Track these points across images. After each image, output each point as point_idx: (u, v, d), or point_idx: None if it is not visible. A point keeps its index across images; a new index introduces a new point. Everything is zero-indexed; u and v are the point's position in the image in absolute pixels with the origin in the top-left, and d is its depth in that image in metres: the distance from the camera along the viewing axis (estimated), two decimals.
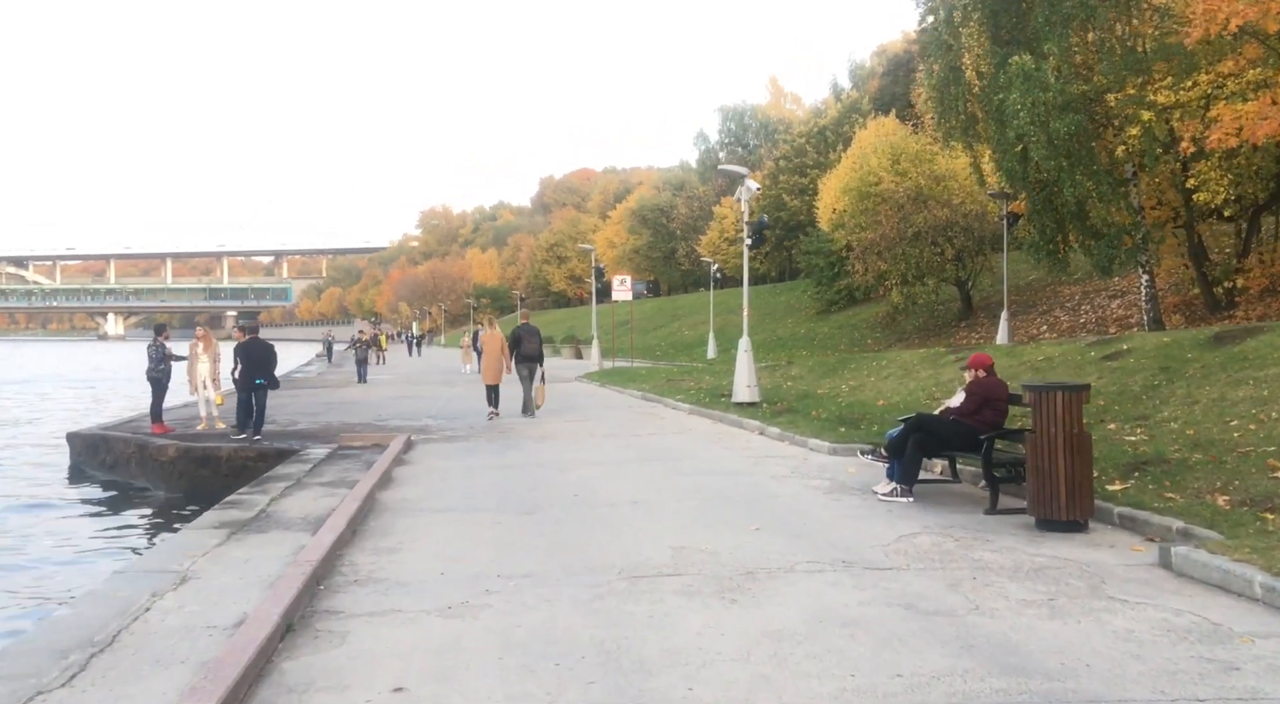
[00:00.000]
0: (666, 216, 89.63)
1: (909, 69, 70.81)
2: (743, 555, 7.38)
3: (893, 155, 45.90)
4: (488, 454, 13.87)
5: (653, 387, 26.21)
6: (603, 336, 45.04)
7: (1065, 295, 31.02)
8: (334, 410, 22.23)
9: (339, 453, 14.41)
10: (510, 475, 11.73)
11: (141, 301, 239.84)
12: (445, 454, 13.96)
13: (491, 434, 16.52)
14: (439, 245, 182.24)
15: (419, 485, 11.19)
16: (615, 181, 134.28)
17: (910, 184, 35.66)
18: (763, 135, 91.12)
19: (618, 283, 35.51)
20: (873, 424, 14.54)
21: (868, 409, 16.09)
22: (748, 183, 18.56)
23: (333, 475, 12.01)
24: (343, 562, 7.47)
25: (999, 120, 23.00)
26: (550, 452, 13.96)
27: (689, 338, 55.21)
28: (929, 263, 32.06)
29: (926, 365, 18.46)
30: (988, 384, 9.49)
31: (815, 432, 14.35)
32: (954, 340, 31.61)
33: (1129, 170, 22.22)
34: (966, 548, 7.51)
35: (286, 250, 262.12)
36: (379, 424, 18.76)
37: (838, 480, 10.85)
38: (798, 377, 22.17)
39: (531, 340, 18.96)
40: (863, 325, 40.95)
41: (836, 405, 17.06)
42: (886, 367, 19.74)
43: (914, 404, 15.54)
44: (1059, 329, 27.47)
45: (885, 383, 18.22)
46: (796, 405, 17.72)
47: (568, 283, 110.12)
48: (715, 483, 10.81)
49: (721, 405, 19.30)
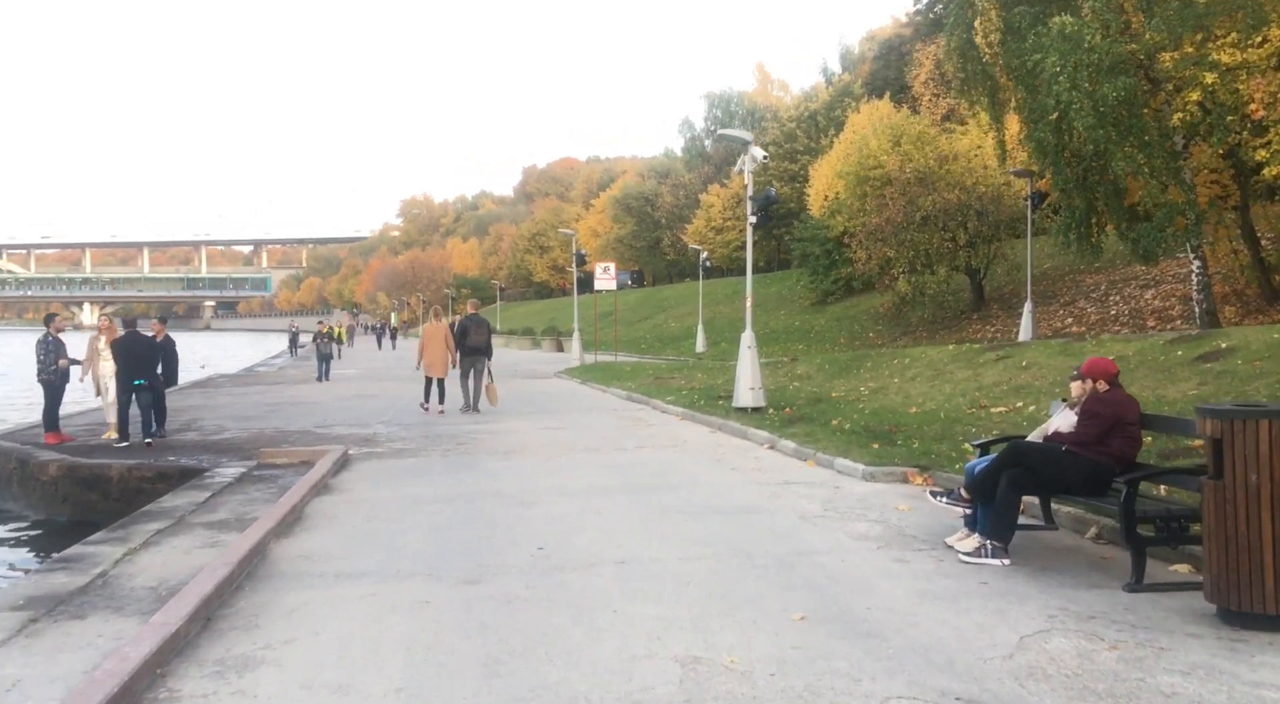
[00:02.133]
0: (651, 205, 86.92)
1: (901, 54, 68.42)
2: (793, 681, 4.69)
3: (894, 136, 43.40)
4: (436, 476, 11.14)
5: (639, 385, 23.52)
6: (585, 328, 42.35)
7: (1089, 285, 28.44)
8: (277, 414, 19.45)
9: (255, 473, 11.66)
10: (458, 513, 9.01)
11: (118, 291, 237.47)
12: (383, 477, 11.22)
13: (447, 447, 13.78)
14: (420, 235, 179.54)
15: (334, 529, 8.45)
16: (599, 170, 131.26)
17: (916, 165, 32.97)
18: (749, 122, 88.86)
19: (600, 271, 32.74)
20: (911, 438, 11.88)
21: (899, 418, 13.42)
22: (752, 150, 15.87)
23: (230, 510, 9.27)
24: (157, 695, 4.73)
25: (1030, 88, 20.39)
26: (514, 474, 11.24)
27: (675, 330, 52.52)
28: (939, 249, 29.42)
29: (961, 365, 15.80)
30: (1116, 401, 6.81)
31: (841, 448, 11.68)
32: (966, 334, 29.01)
33: (1178, 142, 19.59)
34: (1136, 665, 4.84)
35: (266, 240, 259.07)
36: (321, 432, 16.02)
37: (891, 524, 8.18)
38: (805, 376, 19.48)
39: (478, 332, 18.16)
40: (863, 317, 38.31)
41: (858, 413, 14.39)
42: (911, 366, 17.08)
43: (957, 413, 12.89)
44: (1086, 322, 24.89)
45: (913, 385, 15.55)
46: (810, 412, 15.06)
47: (550, 273, 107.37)
48: (729, 528, 8.11)
49: (720, 410, 16.64)
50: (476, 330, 18.31)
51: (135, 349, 14.25)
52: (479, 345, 18.24)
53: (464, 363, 18.33)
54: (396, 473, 11.53)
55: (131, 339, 14.40)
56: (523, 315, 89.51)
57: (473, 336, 18.20)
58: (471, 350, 18.21)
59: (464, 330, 18.18)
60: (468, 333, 18.17)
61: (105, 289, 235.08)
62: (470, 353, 18.25)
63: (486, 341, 18.43)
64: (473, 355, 18.28)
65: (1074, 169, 20.72)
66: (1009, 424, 11.57)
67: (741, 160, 16.20)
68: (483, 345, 18.29)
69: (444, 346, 18.30)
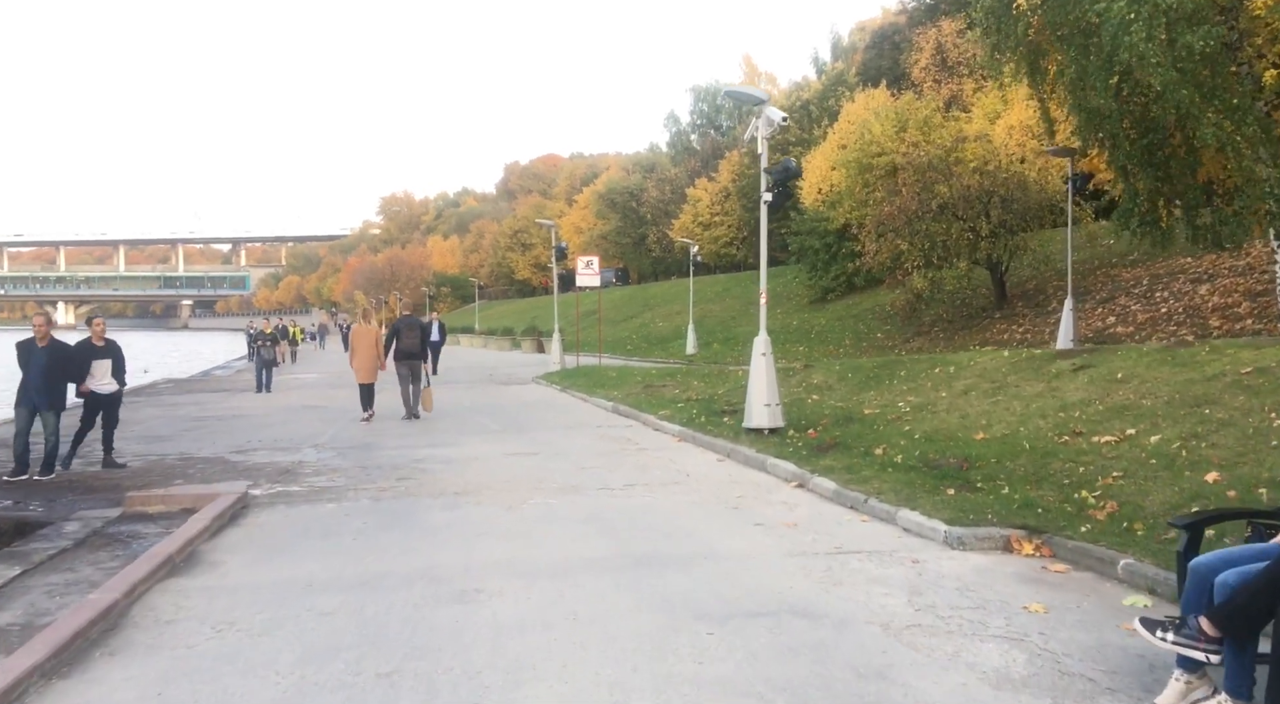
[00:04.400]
0: (636, 200, 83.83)
1: (895, 43, 65.75)
2: None
3: (898, 121, 40.48)
4: (351, 539, 8.06)
5: (626, 394, 20.48)
6: (566, 328, 39.30)
7: (1127, 280, 25.48)
8: (197, 432, 16.34)
9: (110, 529, 8.57)
10: (359, 619, 5.92)
11: (93, 290, 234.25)
12: (278, 540, 8.13)
13: (382, 484, 10.69)
14: (400, 233, 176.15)
15: (154, 657, 5.34)
16: (582, 166, 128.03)
17: (930, 150, 29.96)
18: (736, 116, 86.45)
19: (583, 265, 29.61)
20: (992, 478, 8.87)
21: (963, 447, 10.40)
22: (767, 111, 12.82)
23: (24, 608, 6.21)
24: None
25: (1081, 48, 17.42)
26: (459, 534, 8.17)
27: (663, 330, 49.47)
28: (958, 241, 26.43)
29: (1027, 376, 12.76)
30: None
31: (901, 492, 8.68)
32: (990, 335, 26.05)
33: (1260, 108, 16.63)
34: None
35: (246, 238, 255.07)
36: (235, 459, 12.91)
37: (1033, 646, 5.16)
38: (824, 387, 16.45)
39: (410, 334, 17.22)
40: (868, 316, 35.30)
41: (905, 438, 11.38)
42: (959, 375, 14.05)
43: (1044, 442, 9.88)
44: (1133, 322, 21.95)
45: (969, 402, 12.52)
46: (842, 436, 12.03)
47: (532, 271, 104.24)
48: (780, 658, 5.07)
49: (727, 430, 13.62)
50: (409, 333, 17.27)
51: (45, 361, 11.53)
52: (412, 349, 17.21)
53: (399, 368, 17.29)
54: (301, 530, 8.45)
55: (26, 348, 11.57)
56: (503, 314, 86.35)
57: (405, 340, 17.15)
58: (405, 354, 17.19)
59: (396, 333, 17.23)
60: (400, 335, 17.16)
61: (80, 288, 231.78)
62: (404, 357, 17.23)
63: (420, 345, 17.40)
64: (407, 360, 17.26)
65: (1136, 142, 17.81)
66: (1140, 463, 8.56)
67: (754, 125, 13.15)
68: (416, 349, 17.27)
69: (373, 351, 17.29)
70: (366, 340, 17.49)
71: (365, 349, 17.36)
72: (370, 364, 17.32)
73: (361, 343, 17.46)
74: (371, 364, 17.33)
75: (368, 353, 17.33)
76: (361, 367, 17.37)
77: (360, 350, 17.39)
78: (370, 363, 17.32)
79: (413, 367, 17.37)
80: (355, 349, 17.48)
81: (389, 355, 17.43)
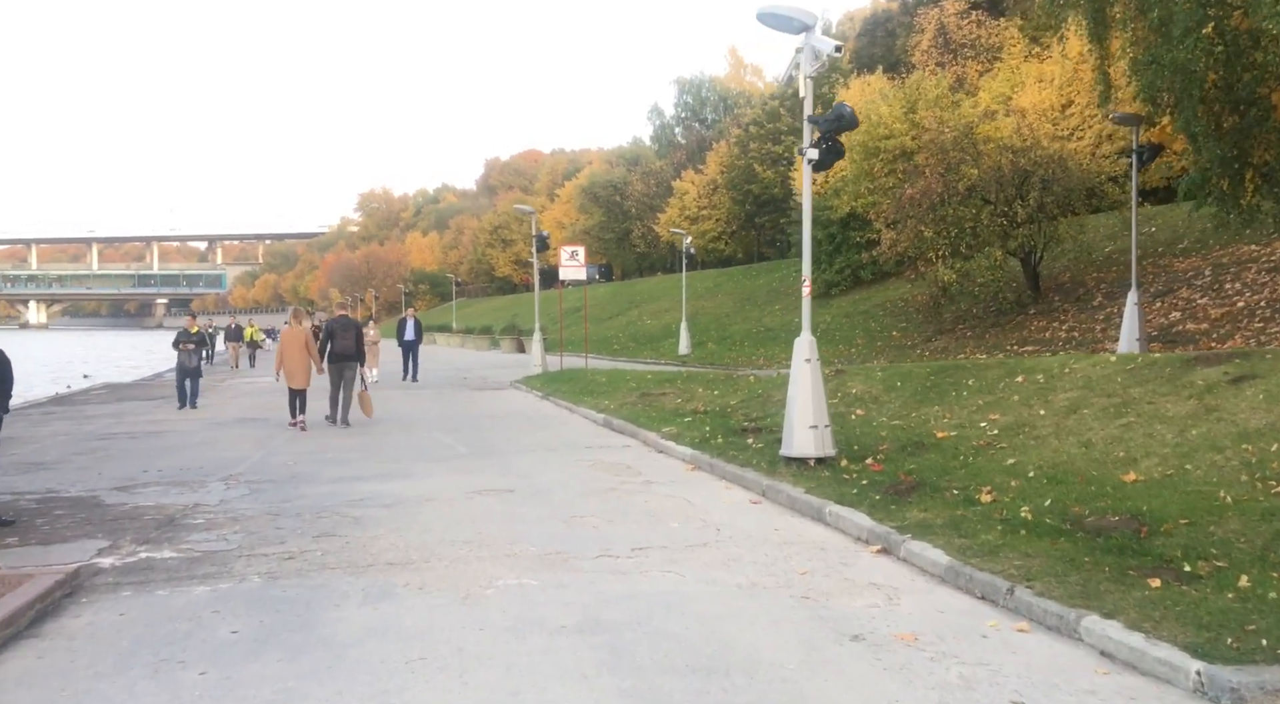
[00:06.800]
0: (620, 194, 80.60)
1: (888, 30, 63.24)
2: None
3: (907, 102, 37.53)
4: (195, 681, 4.93)
5: (620, 404, 17.41)
6: (549, 326, 36.18)
7: (1183, 270, 22.51)
8: (90, 457, 13.15)
9: None
10: None
11: (66, 288, 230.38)
12: (69, 695, 4.99)
13: (291, 547, 7.55)
14: (379, 229, 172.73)
15: None
16: (564, 161, 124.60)
17: (952, 128, 26.90)
18: (722, 109, 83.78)
19: (567, 256, 26.44)
20: (1210, 557, 5.83)
21: (1115, 494, 7.33)
22: (812, 42, 9.76)
23: None
24: None
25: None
26: (375, 684, 5.07)
27: (652, 328, 46.38)
28: (989, 228, 23.44)
29: (1161, 387, 9.67)
30: None
31: (1065, 576, 5.65)
32: (1029, 333, 23.07)
33: None
34: None
35: (223, 235, 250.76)
36: (111, 501, 9.75)
37: None
38: (870, 399, 13.34)
39: (345, 336, 16.65)
40: (878, 312, 32.23)
41: (1012, 474, 8.32)
42: (1054, 385, 10.96)
43: (1241, 488, 6.84)
44: (1205, 318, 18.96)
45: (1084, 423, 9.43)
46: (917, 469, 8.98)
47: (513, 267, 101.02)
48: None
49: (755, 457, 10.55)
50: (343, 334, 16.62)
51: None
52: (346, 351, 16.55)
53: (332, 371, 16.55)
54: (127, 652, 5.31)
55: None
56: (483, 312, 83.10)
57: (339, 341, 16.51)
58: (338, 357, 16.51)
59: (330, 334, 16.58)
60: (334, 337, 16.51)
61: (53, 287, 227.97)
62: (337, 360, 16.53)
63: (354, 347, 16.67)
64: (340, 362, 16.57)
65: (1222, 103, 14.90)
66: None
67: (795, 59, 10.07)
68: (351, 351, 16.60)
69: (304, 353, 16.29)
70: (296, 343, 16.46)
71: (296, 352, 16.32)
72: (302, 368, 16.28)
73: (291, 346, 16.42)
74: (304, 368, 16.30)
75: (298, 356, 16.31)
76: (293, 371, 16.30)
77: (290, 354, 16.33)
78: (302, 367, 16.29)
79: (346, 370, 16.64)
80: (284, 352, 16.40)
81: (323, 359, 16.53)
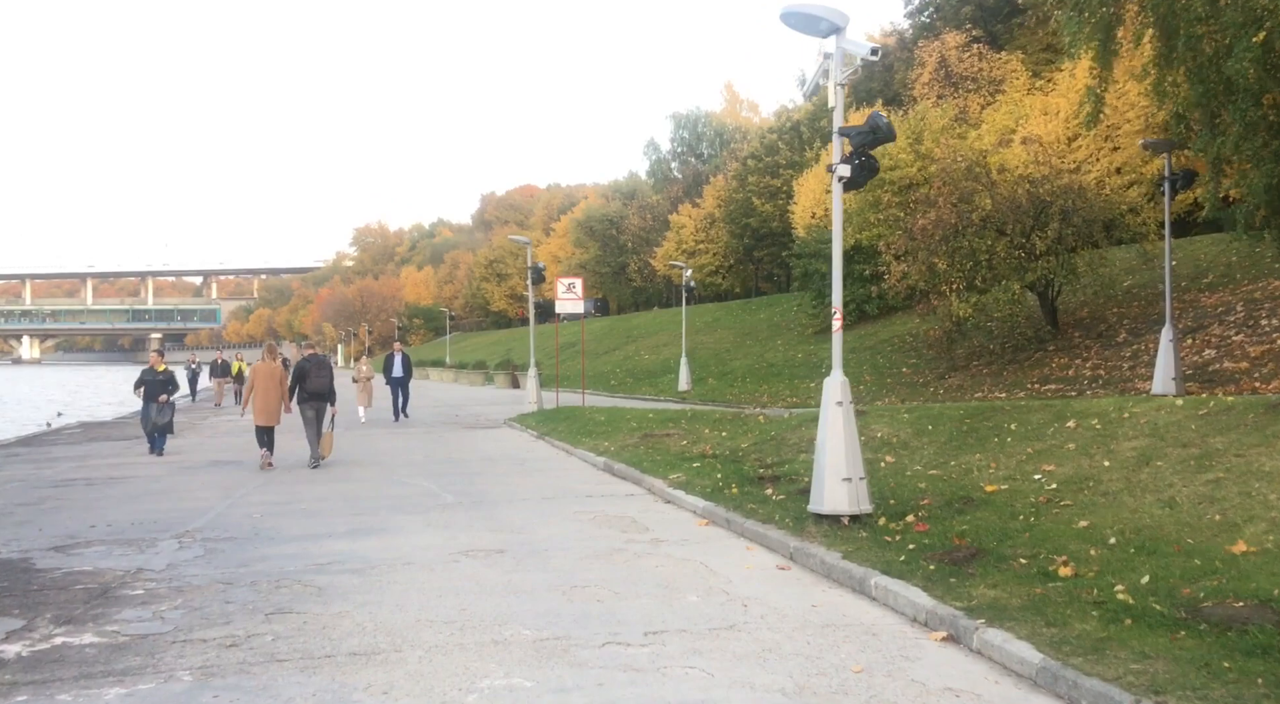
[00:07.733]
0: (616, 228, 79.76)
1: (886, 64, 62.75)
2: None
3: (912, 133, 36.71)
4: None
5: (621, 446, 16.19)
6: (545, 361, 34.95)
7: (1212, 306, 21.36)
8: (37, 508, 11.88)
9: None
10: None
11: (60, 323, 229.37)
12: None
13: (230, 635, 6.27)
14: (374, 264, 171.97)
15: None
16: (560, 196, 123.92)
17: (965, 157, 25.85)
18: (718, 144, 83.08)
19: (564, 289, 25.29)
20: None
21: (1230, 571, 6.11)
22: (844, 45, 8.63)
23: None
24: None
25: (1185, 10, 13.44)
26: None
27: (649, 363, 45.13)
28: (1005, 260, 22.33)
29: (1247, 436, 8.43)
30: None
31: (1208, 692, 4.39)
32: (1049, 371, 21.86)
33: None
34: None
35: (217, 270, 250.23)
36: (45, 563, 8.51)
37: None
38: (899, 444, 12.10)
39: (319, 375, 16.26)
40: (886, 348, 31.06)
41: (1088, 539, 7.10)
42: (1115, 432, 9.73)
43: None
44: (1244, 357, 17.78)
45: (1161, 477, 8.21)
46: (970, 530, 7.74)
47: (508, 302, 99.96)
48: None
49: (778, 511, 9.31)
50: (318, 373, 16.27)
51: None
52: (320, 390, 16.19)
53: (304, 410, 16.20)
54: None
55: None
56: (477, 347, 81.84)
57: (313, 380, 16.13)
58: (312, 395, 16.18)
59: (303, 373, 16.19)
60: (307, 376, 16.13)
61: (46, 322, 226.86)
62: (311, 398, 16.20)
63: (328, 385, 16.29)
64: (314, 400, 16.24)
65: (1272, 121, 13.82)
66: None
67: (824, 64, 8.93)
68: (325, 389, 16.23)
69: (277, 390, 16.05)
70: (272, 379, 16.14)
71: (270, 389, 16.00)
72: (273, 405, 16.03)
73: (266, 381, 16.08)
74: (275, 405, 16.06)
75: (273, 392, 16.02)
76: (264, 408, 16.02)
77: (264, 389, 16.01)
78: (273, 404, 16.03)
79: (318, 408, 16.29)
80: (256, 388, 16.08)
81: (293, 398, 16.16)
